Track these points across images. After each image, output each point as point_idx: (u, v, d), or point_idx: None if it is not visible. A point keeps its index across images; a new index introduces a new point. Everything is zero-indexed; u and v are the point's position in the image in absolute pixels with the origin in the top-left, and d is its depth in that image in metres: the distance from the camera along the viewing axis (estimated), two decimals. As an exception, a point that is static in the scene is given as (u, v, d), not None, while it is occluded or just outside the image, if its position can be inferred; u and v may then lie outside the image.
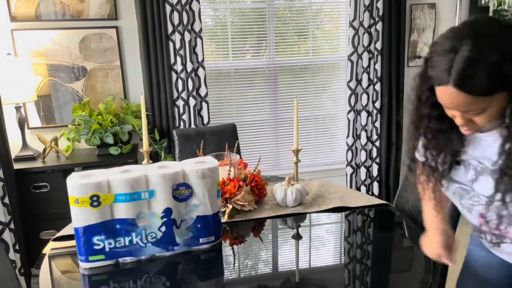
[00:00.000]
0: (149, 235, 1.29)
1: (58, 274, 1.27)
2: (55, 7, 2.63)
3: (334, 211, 1.65)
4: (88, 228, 1.23)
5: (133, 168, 1.31)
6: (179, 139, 2.53)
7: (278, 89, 3.15)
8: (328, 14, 3.16)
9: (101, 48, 2.74)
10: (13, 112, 2.57)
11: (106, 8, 2.69)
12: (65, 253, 1.40)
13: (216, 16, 2.99)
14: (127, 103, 2.78)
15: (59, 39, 2.67)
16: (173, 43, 2.71)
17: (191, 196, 1.31)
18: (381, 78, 3.05)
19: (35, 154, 2.58)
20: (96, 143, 2.55)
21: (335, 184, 1.93)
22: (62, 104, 2.76)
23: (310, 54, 3.16)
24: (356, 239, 1.43)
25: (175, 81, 2.77)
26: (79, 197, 1.20)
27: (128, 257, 1.29)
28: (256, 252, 1.37)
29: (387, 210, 1.66)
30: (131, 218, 1.25)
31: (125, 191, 1.23)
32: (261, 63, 3.09)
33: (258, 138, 3.18)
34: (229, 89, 3.07)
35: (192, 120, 2.82)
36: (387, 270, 1.26)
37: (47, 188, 2.46)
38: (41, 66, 2.68)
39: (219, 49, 3.02)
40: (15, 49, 2.61)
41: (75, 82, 2.75)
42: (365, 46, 2.98)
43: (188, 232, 1.33)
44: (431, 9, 3.17)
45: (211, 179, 1.32)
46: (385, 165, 3.21)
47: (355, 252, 1.34)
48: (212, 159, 1.39)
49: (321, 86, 3.23)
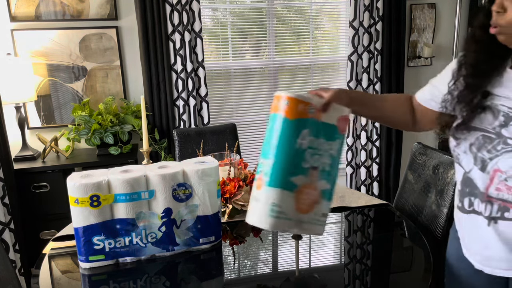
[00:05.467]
0: (149, 235, 1.29)
1: (58, 274, 1.27)
2: (55, 7, 2.63)
3: (334, 211, 1.65)
4: (88, 228, 1.23)
5: (133, 168, 1.31)
6: (179, 139, 2.53)
7: (278, 89, 3.15)
8: (328, 14, 3.16)
9: (101, 48, 2.74)
10: (13, 112, 2.57)
11: (106, 8, 2.69)
12: (65, 253, 1.40)
13: (215, 16, 2.99)
14: (127, 103, 2.78)
15: (59, 39, 2.67)
16: (173, 43, 2.71)
17: (191, 196, 1.31)
18: (381, 78, 3.05)
19: (35, 154, 2.58)
20: (96, 143, 2.55)
21: (335, 184, 1.93)
22: (62, 104, 2.76)
23: (310, 54, 3.16)
24: (356, 239, 1.43)
25: (175, 81, 2.77)
26: (79, 197, 1.20)
27: (128, 257, 1.29)
28: (256, 252, 1.37)
29: (387, 210, 1.67)
30: (131, 218, 1.25)
31: (125, 191, 1.23)
32: (261, 63, 3.09)
33: (258, 138, 3.18)
34: (229, 89, 3.07)
35: (192, 120, 2.82)
36: (387, 270, 1.26)
37: (47, 188, 2.46)
38: (41, 66, 2.68)
39: (219, 49, 3.02)
40: (15, 49, 2.61)
41: (75, 82, 2.75)
42: (365, 46, 2.98)
43: (188, 232, 1.33)
44: (431, 9, 3.17)
45: (211, 179, 1.32)
46: (385, 165, 3.21)
47: (355, 252, 1.34)
48: (212, 159, 1.39)
49: (321, 86, 3.23)
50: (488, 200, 1.03)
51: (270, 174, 1.11)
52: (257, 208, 1.12)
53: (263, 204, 1.11)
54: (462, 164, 1.08)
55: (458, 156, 1.08)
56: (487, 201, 1.03)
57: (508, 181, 0.97)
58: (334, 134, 1.17)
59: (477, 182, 1.04)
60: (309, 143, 1.12)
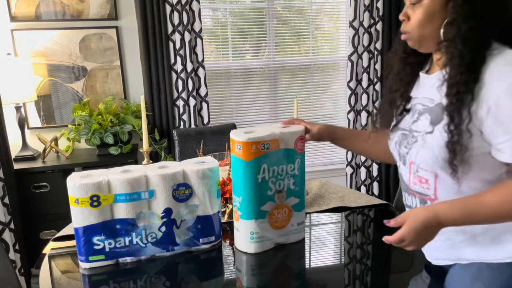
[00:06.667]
0: (149, 235, 1.29)
1: (58, 274, 1.27)
2: (55, 7, 2.63)
3: (334, 211, 1.65)
4: (88, 228, 1.23)
5: (133, 168, 1.31)
6: (179, 139, 2.53)
7: (278, 89, 3.15)
8: (328, 14, 3.16)
9: (101, 48, 2.74)
10: (13, 112, 2.57)
11: (106, 8, 2.69)
12: (65, 253, 1.40)
13: (216, 16, 2.99)
14: (127, 103, 2.78)
15: (59, 39, 2.67)
16: (173, 43, 2.71)
17: (191, 196, 1.31)
18: (381, 78, 3.05)
19: (35, 154, 2.58)
20: (96, 143, 2.55)
21: (335, 184, 1.93)
22: (62, 104, 2.76)
23: (310, 54, 3.16)
24: (356, 239, 1.43)
25: (175, 81, 2.77)
26: (79, 197, 1.20)
27: (128, 257, 1.29)
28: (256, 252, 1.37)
29: (387, 210, 1.67)
30: (131, 218, 1.25)
31: (125, 191, 1.23)
32: (261, 63, 3.09)
33: (258, 138, 3.18)
34: (229, 89, 3.07)
35: (192, 120, 2.82)
36: (387, 270, 1.26)
37: (47, 188, 2.46)
38: (41, 66, 2.68)
39: (219, 49, 3.02)
40: (15, 49, 2.61)
41: (75, 82, 2.75)
42: (365, 46, 2.98)
43: (188, 232, 1.33)
44: (431, 9, 3.17)
45: (211, 179, 1.32)
46: (385, 165, 3.21)
47: (355, 252, 1.34)
48: (212, 159, 1.39)
49: (321, 86, 3.23)
50: (412, 194, 1.13)
51: (242, 209, 1.29)
52: (240, 237, 1.33)
53: (243, 234, 1.31)
54: (396, 162, 1.19)
55: (392, 151, 1.19)
56: (412, 195, 1.13)
57: (419, 172, 1.06)
58: (293, 156, 1.31)
59: (404, 177, 1.15)
60: (270, 174, 1.27)
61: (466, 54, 0.92)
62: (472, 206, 0.93)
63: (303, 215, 1.38)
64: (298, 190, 1.35)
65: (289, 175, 1.31)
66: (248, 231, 1.29)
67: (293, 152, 1.30)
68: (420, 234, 0.95)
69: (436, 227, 0.95)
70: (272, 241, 1.33)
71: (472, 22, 0.91)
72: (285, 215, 1.34)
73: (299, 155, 1.32)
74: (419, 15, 0.98)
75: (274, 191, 1.30)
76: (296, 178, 1.33)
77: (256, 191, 1.26)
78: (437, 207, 0.95)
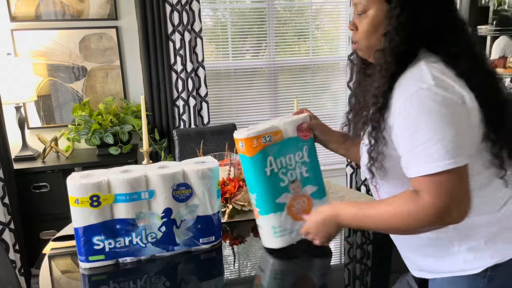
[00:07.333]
0: (149, 235, 1.29)
1: (58, 274, 1.27)
2: (55, 7, 2.63)
3: (334, 211, 1.65)
4: (88, 228, 1.23)
5: (133, 168, 1.31)
6: (179, 139, 2.53)
7: (278, 89, 3.15)
8: (328, 14, 3.16)
9: (101, 48, 2.74)
10: (13, 112, 2.57)
11: (106, 8, 2.69)
12: (65, 253, 1.40)
13: (216, 16, 2.99)
14: (127, 103, 2.78)
15: (59, 39, 2.67)
16: (173, 43, 2.71)
17: (191, 196, 1.31)
18: (381, 78, 3.05)
19: (35, 154, 2.58)
20: (96, 143, 2.55)
21: (335, 184, 1.93)
22: (62, 104, 2.76)
23: (310, 54, 3.16)
24: (356, 239, 1.43)
25: (175, 81, 2.77)
26: (79, 197, 1.20)
27: (128, 257, 1.29)
28: (256, 252, 1.37)
29: (387, 210, 1.66)
30: (131, 218, 1.25)
31: (125, 191, 1.23)
32: (261, 63, 3.09)
33: (258, 138, 3.18)
34: (229, 89, 3.07)
35: (192, 120, 2.82)
36: (387, 270, 1.26)
37: (47, 188, 2.46)
38: (41, 66, 2.68)
39: (219, 49, 3.02)
40: (15, 49, 2.61)
41: (75, 82, 2.75)
42: (365, 46, 2.97)
43: (188, 232, 1.33)
44: (431, 9, 3.17)
45: (211, 179, 1.32)
46: (385, 165, 3.21)
47: (355, 252, 1.34)
48: (212, 159, 1.39)
49: (321, 86, 3.23)
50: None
51: (259, 205, 1.28)
52: (263, 233, 1.31)
53: (266, 230, 1.29)
54: None
55: None
56: None
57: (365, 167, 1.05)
58: (298, 143, 1.30)
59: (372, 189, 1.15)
60: (278, 165, 1.26)
61: (390, 66, 0.92)
62: (365, 208, 0.99)
63: (324, 202, 1.34)
64: (313, 177, 1.32)
65: (299, 163, 1.29)
66: (270, 226, 1.27)
67: (298, 140, 1.29)
68: (319, 227, 1.08)
69: (334, 223, 1.05)
70: (296, 234, 1.29)
71: (403, 34, 0.91)
72: (305, 205, 1.31)
73: (305, 142, 1.30)
74: (365, 25, 1.01)
75: (288, 182, 1.28)
76: (307, 165, 1.30)
77: (267, 184, 1.25)
78: (339, 205, 1.06)
